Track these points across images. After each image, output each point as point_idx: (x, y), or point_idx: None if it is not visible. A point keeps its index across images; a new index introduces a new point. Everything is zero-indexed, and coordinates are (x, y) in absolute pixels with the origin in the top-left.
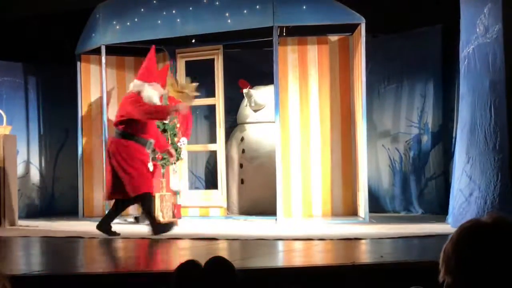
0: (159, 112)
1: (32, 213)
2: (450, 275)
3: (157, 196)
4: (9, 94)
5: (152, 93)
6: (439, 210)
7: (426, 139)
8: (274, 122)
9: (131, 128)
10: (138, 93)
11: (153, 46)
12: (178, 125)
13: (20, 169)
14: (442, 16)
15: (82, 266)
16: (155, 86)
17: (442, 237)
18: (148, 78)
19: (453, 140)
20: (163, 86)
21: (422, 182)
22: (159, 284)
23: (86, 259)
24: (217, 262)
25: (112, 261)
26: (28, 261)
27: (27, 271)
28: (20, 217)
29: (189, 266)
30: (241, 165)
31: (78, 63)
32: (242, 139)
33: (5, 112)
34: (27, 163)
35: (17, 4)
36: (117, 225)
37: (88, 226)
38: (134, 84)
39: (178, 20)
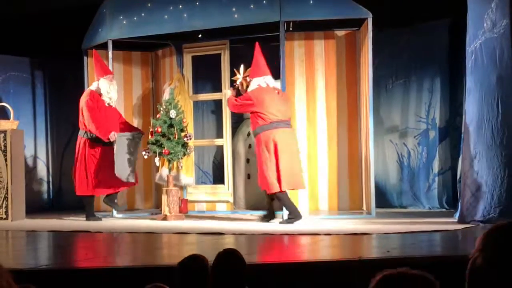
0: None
1: (39, 207)
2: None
3: (164, 190)
4: (16, 89)
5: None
6: (447, 206)
7: (433, 134)
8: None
9: None
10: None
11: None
12: (185, 120)
13: (27, 164)
14: (449, 11)
15: (87, 260)
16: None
17: (449, 232)
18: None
19: (461, 135)
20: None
21: (429, 178)
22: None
23: (91, 253)
24: (229, 255)
25: (117, 255)
26: (35, 255)
27: (34, 265)
28: (27, 212)
29: (192, 260)
30: (247, 160)
31: (85, 58)
32: (249, 134)
33: (12, 106)
34: (34, 157)
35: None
36: (120, 220)
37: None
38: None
39: (185, 15)
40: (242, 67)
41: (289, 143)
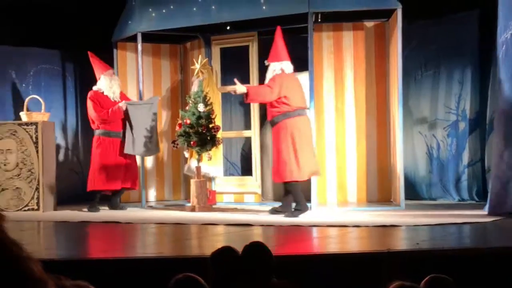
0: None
1: (70, 198)
2: None
3: (192, 182)
4: (47, 81)
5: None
6: (476, 198)
7: (463, 125)
8: (309, 108)
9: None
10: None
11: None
12: (213, 112)
13: (58, 155)
14: (480, 1)
15: (116, 251)
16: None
17: (479, 225)
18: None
19: (491, 126)
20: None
21: (459, 169)
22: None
23: (121, 244)
24: (256, 247)
25: (147, 246)
26: (66, 245)
27: (65, 256)
28: (59, 203)
29: (225, 252)
30: None
31: (115, 50)
32: None
33: (44, 99)
34: (65, 149)
35: None
36: (149, 211)
37: (124, 211)
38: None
39: (213, 7)
40: (200, 57)
41: (307, 131)
